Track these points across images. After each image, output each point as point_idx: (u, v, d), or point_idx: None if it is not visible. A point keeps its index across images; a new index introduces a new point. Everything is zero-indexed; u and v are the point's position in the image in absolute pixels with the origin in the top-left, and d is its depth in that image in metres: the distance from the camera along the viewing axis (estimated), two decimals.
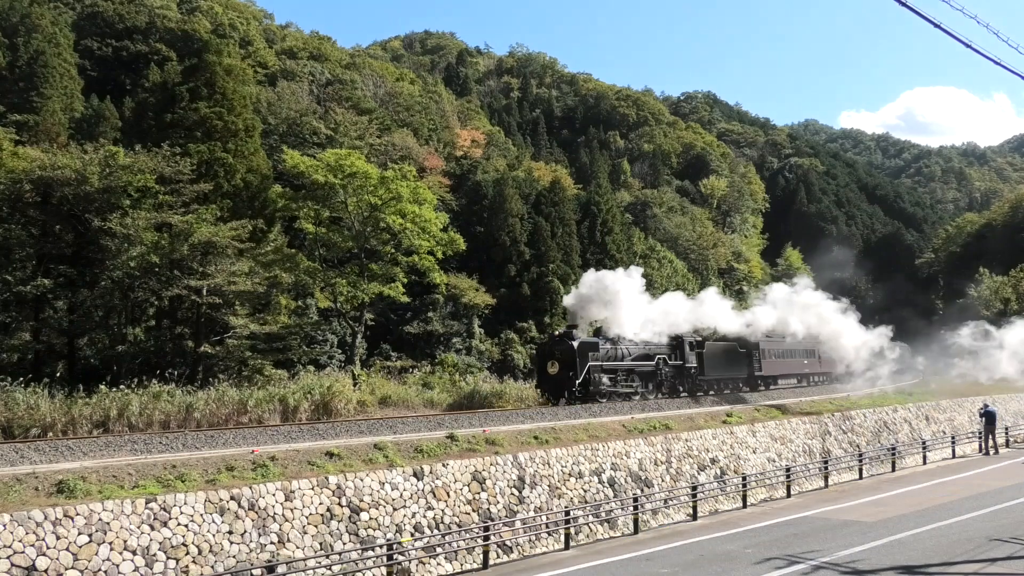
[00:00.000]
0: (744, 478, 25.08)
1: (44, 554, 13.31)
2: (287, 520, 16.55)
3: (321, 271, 37.83)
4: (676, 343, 36.66)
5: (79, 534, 13.83)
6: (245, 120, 41.12)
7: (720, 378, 39.27)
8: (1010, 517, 18.83)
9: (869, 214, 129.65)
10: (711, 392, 38.19)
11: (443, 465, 19.91)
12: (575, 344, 31.35)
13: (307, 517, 16.86)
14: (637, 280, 36.75)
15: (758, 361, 42.56)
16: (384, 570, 16.33)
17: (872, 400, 41.27)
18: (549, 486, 21.95)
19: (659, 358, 35.46)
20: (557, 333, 34.20)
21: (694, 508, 22.44)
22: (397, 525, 18.16)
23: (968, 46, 12.61)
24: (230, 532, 15.66)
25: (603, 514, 21.82)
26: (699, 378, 37.37)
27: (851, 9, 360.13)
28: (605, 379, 32.39)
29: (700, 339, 38.61)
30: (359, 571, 16.41)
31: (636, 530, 20.81)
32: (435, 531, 18.61)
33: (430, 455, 20.19)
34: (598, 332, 35.85)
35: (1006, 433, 36.82)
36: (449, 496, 19.53)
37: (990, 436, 34.14)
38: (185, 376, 31.20)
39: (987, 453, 33.84)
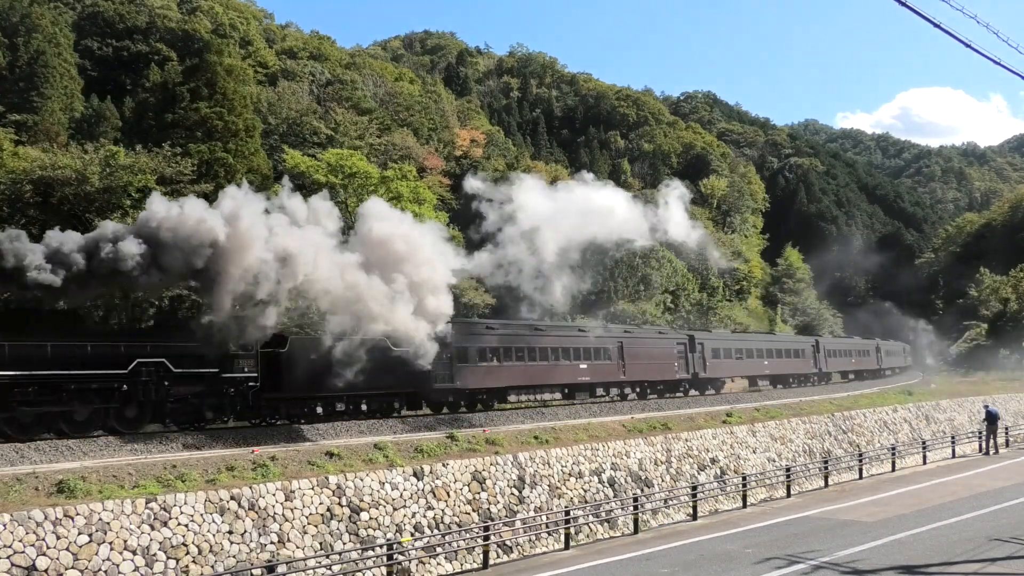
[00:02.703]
0: (744, 478, 25.08)
1: (44, 554, 13.32)
2: (287, 520, 16.56)
3: None
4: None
5: (79, 534, 13.83)
6: (245, 120, 41.18)
7: (331, 395, 23.76)
8: (1010, 517, 18.83)
9: (869, 214, 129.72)
10: (303, 420, 23.40)
11: (443, 465, 19.92)
12: None
13: (307, 517, 16.87)
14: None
15: (446, 367, 26.71)
16: (384, 570, 16.34)
17: (872, 400, 41.28)
18: (549, 486, 21.96)
19: (141, 363, 20.05)
20: None
21: (694, 508, 22.44)
22: (397, 525, 18.17)
23: (968, 46, 12.62)
24: (230, 532, 15.66)
25: (603, 514, 21.83)
26: (267, 397, 22.61)
27: (849, 9, 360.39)
28: None
29: (279, 332, 23.39)
30: (359, 571, 16.42)
31: (636, 530, 20.82)
32: (435, 531, 18.62)
33: (430, 455, 20.21)
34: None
35: (1006, 433, 36.83)
36: (449, 496, 19.54)
37: (991, 436, 34.18)
38: None
39: (987, 453, 33.86)
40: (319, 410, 23.80)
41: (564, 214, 28.83)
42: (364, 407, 24.95)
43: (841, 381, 55.10)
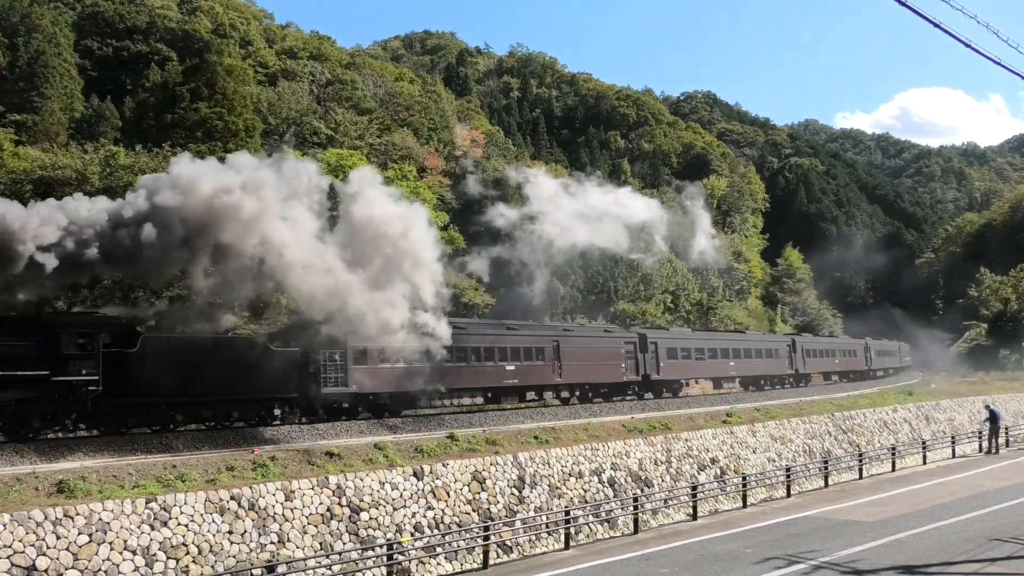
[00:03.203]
0: (744, 478, 25.08)
1: (44, 554, 13.32)
2: (287, 520, 16.56)
3: None
4: (39, 325, 19.03)
5: (79, 534, 13.83)
6: (246, 120, 41.25)
7: (190, 400, 21.30)
8: (1010, 517, 18.83)
9: (869, 214, 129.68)
10: (163, 429, 21.14)
11: (443, 465, 19.92)
12: None
13: (307, 517, 16.87)
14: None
15: (340, 368, 24.03)
16: (384, 570, 16.34)
17: (872, 400, 41.29)
18: (549, 486, 21.96)
19: None
20: None
21: (694, 508, 22.45)
22: (397, 525, 18.17)
23: (968, 46, 12.62)
24: (230, 532, 15.66)
25: (603, 514, 21.83)
26: (111, 403, 19.85)
27: (848, 9, 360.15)
28: None
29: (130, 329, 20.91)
30: (359, 571, 16.42)
31: (636, 530, 20.82)
32: (435, 531, 18.62)
33: (430, 455, 20.22)
34: None
35: (1006, 433, 36.84)
36: (449, 496, 19.54)
37: (993, 436, 34.21)
38: None
39: (989, 452, 33.87)
40: (179, 418, 21.47)
41: (578, 215, 28.13)
42: (236, 415, 22.20)
43: (824, 384, 53.18)
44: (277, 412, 23.13)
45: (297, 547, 16.33)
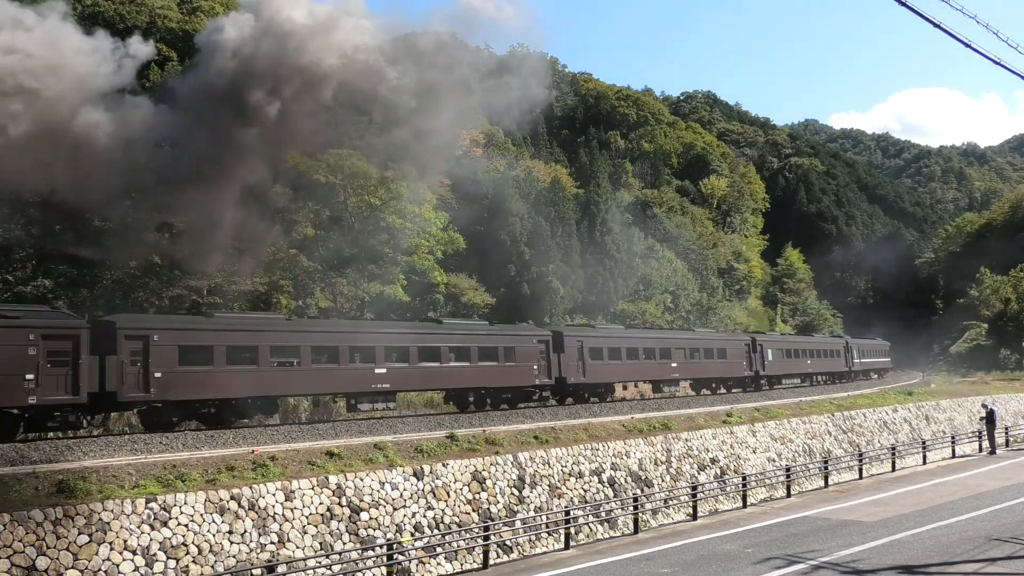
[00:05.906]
0: (744, 478, 25.07)
1: (44, 554, 13.32)
2: (287, 520, 16.56)
3: (321, 271, 37.87)
4: None
5: (79, 534, 13.83)
6: None
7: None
8: (1010, 517, 18.82)
9: (869, 214, 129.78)
10: None
11: (443, 465, 19.92)
12: None
13: (307, 517, 16.87)
14: None
15: None
16: (384, 570, 16.34)
17: (872, 400, 41.29)
18: (549, 486, 21.96)
19: None
20: None
21: (694, 508, 22.43)
22: (397, 525, 18.17)
23: (968, 46, 12.62)
24: (230, 532, 15.67)
25: (603, 514, 21.83)
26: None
27: (849, 9, 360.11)
28: None
29: None
30: (359, 571, 16.42)
31: (636, 530, 20.80)
32: (435, 531, 18.62)
33: (430, 455, 20.21)
34: None
35: (1006, 433, 36.83)
36: (449, 496, 19.54)
37: (991, 435, 34.20)
38: None
39: (992, 451, 33.86)
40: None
41: None
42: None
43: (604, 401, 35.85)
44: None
45: (297, 547, 16.33)
